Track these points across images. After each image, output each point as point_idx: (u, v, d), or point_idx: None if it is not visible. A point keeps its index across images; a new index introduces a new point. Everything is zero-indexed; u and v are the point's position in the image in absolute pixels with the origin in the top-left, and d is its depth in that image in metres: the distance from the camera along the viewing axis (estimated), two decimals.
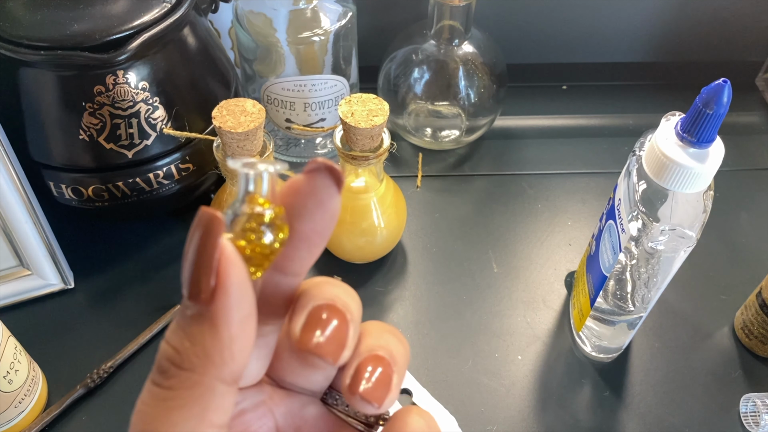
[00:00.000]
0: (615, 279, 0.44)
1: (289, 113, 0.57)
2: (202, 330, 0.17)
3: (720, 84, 0.33)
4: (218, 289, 0.16)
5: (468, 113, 0.62)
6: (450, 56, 0.60)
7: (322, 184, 0.18)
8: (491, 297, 0.54)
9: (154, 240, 0.57)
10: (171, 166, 0.50)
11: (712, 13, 0.72)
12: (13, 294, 0.51)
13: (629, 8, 0.71)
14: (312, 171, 0.18)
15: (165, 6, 0.46)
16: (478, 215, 0.60)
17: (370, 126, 0.44)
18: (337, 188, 0.18)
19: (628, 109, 0.71)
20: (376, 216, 0.51)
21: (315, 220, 0.18)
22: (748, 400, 0.47)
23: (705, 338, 0.52)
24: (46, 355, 0.48)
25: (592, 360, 0.50)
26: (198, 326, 0.17)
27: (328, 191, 0.18)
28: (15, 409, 0.43)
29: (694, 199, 0.37)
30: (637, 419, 0.47)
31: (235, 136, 0.43)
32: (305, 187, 0.18)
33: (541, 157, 0.66)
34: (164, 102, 0.48)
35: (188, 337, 0.17)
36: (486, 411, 0.47)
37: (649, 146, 0.37)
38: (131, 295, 0.53)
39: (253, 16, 0.54)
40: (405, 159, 0.65)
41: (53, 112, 0.46)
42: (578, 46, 0.74)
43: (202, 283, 0.16)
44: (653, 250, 0.39)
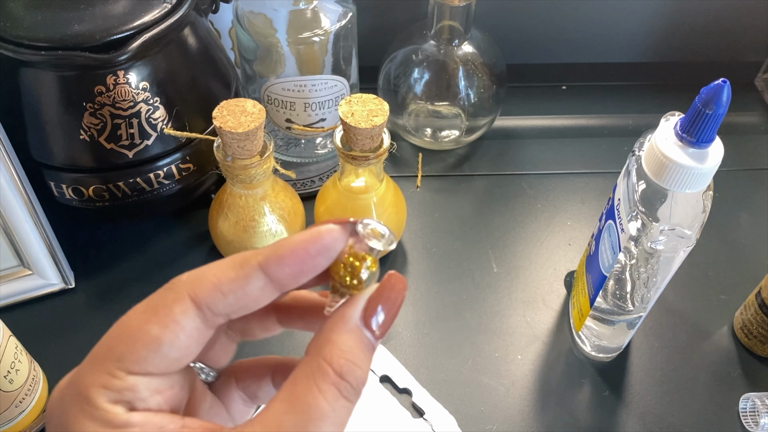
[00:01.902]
0: (614, 279, 0.44)
1: (290, 113, 0.57)
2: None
3: (719, 84, 0.33)
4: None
5: (468, 113, 0.63)
6: (450, 56, 0.60)
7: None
8: (491, 297, 0.54)
9: (154, 240, 0.57)
10: (171, 166, 0.50)
11: (712, 13, 0.72)
12: (13, 294, 0.51)
13: (629, 8, 0.71)
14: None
15: (165, 6, 0.46)
16: (478, 215, 0.60)
17: (370, 126, 0.44)
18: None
19: (627, 109, 0.71)
20: (376, 216, 0.51)
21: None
22: (747, 400, 0.47)
23: (704, 338, 0.52)
24: (46, 354, 0.48)
25: (592, 360, 0.50)
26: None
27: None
28: (15, 409, 0.43)
29: (693, 199, 0.37)
30: (636, 419, 0.47)
31: (236, 136, 0.43)
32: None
33: (540, 157, 0.66)
34: (165, 102, 0.48)
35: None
36: (486, 411, 0.47)
37: (648, 146, 0.37)
38: (132, 295, 0.53)
39: (253, 17, 0.54)
40: (405, 159, 0.65)
41: (54, 113, 0.46)
42: (578, 46, 0.74)
43: (389, 322, 0.21)
44: (653, 250, 0.39)
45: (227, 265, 0.20)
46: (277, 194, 0.50)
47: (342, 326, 0.20)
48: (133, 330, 0.20)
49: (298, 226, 0.52)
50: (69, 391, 0.20)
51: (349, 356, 0.20)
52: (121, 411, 0.19)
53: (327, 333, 0.20)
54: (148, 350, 0.19)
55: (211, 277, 0.20)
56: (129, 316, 0.20)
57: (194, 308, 0.20)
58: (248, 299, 0.20)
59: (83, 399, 0.19)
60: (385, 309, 0.21)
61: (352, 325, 0.20)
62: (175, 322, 0.20)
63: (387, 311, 0.21)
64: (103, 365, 0.19)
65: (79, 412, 0.19)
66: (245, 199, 0.49)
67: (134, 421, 0.19)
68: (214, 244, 0.54)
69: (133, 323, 0.20)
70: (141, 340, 0.19)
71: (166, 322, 0.20)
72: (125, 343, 0.19)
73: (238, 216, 0.49)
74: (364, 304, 0.21)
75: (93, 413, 0.19)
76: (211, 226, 0.52)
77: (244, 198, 0.49)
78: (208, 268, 0.20)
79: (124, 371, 0.19)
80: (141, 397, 0.19)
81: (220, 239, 0.52)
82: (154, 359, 0.19)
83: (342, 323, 0.20)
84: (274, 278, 0.20)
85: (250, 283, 0.20)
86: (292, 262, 0.20)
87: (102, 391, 0.19)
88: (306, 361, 0.20)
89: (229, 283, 0.20)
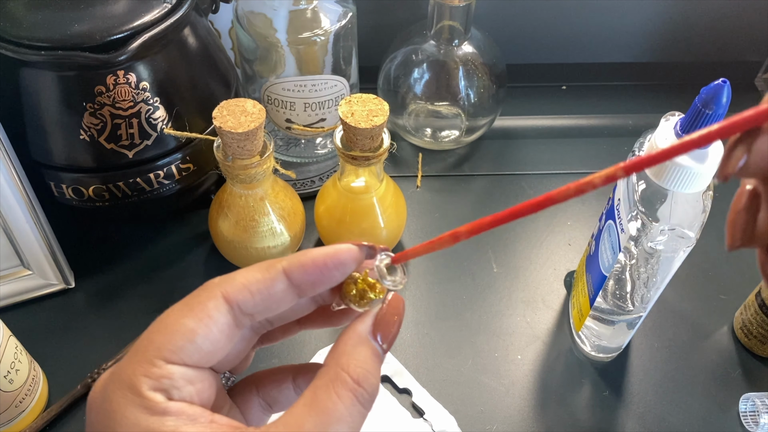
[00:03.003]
0: (614, 279, 0.44)
1: (290, 113, 0.57)
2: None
3: (719, 84, 0.33)
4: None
5: (468, 113, 0.63)
6: (450, 56, 0.60)
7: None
8: (491, 297, 0.54)
9: (154, 240, 0.57)
10: (171, 166, 0.50)
11: (712, 13, 0.72)
12: (13, 294, 0.51)
13: (629, 8, 0.71)
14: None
15: (165, 6, 0.46)
16: (478, 215, 0.60)
17: (370, 126, 0.44)
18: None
19: (627, 109, 0.71)
20: (376, 216, 0.51)
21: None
22: (747, 400, 0.47)
23: (704, 338, 0.52)
24: (46, 354, 0.48)
25: (592, 359, 0.50)
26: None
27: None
28: (16, 409, 0.43)
29: (693, 199, 0.37)
30: (636, 419, 0.47)
31: (236, 136, 0.43)
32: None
33: (540, 157, 0.66)
34: (165, 102, 0.48)
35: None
36: (486, 411, 0.47)
37: (648, 146, 0.37)
38: (132, 294, 0.53)
39: (253, 17, 0.54)
40: (405, 159, 0.65)
41: (54, 112, 0.46)
42: (578, 46, 0.74)
43: (393, 337, 0.24)
44: (653, 250, 0.39)
45: (255, 269, 0.23)
46: (277, 194, 0.50)
47: (356, 339, 0.23)
48: (170, 323, 0.22)
49: (298, 226, 0.52)
50: (112, 381, 0.21)
51: (363, 365, 0.22)
52: (161, 399, 0.20)
53: (343, 345, 0.23)
54: (184, 340, 0.21)
55: (240, 278, 0.22)
56: (167, 313, 0.22)
57: (226, 305, 0.22)
58: (272, 300, 0.22)
59: (126, 387, 0.21)
60: (388, 326, 0.24)
61: (363, 338, 0.23)
62: (209, 316, 0.22)
63: (390, 328, 0.24)
64: (144, 355, 0.21)
65: (122, 398, 0.20)
66: (245, 199, 0.49)
67: (172, 409, 0.20)
68: (214, 244, 0.54)
69: (170, 318, 0.22)
70: (178, 331, 0.21)
71: (200, 316, 0.22)
72: (164, 335, 0.21)
73: (238, 216, 0.49)
74: (372, 320, 0.23)
75: (135, 400, 0.20)
76: (211, 226, 0.52)
77: (244, 198, 0.49)
78: (238, 272, 0.23)
79: (162, 359, 0.21)
80: (177, 386, 0.21)
81: (220, 239, 0.52)
82: (190, 349, 0.21)
83: (356, 336, 0.23)
84: (295, 283, 0.23)
85: (275, 285, 0.22)
86: (311, 271, 0.22)
87: (144, 379, 0.21)
88: (325, 371, 0.22)
89: (257, 283, 0.22)
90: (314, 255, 0.23)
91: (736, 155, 0.19)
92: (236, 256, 0.52)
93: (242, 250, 0.51)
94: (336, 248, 0.23)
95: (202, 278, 0.54)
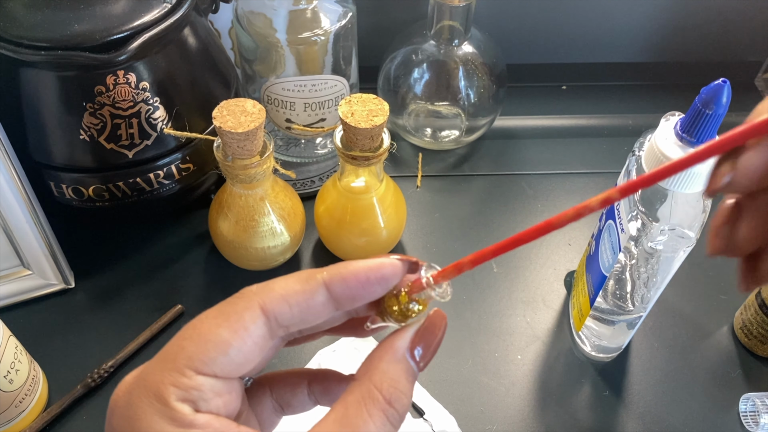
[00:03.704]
0: (614, 279, 0.44)
1: (290, 113, 0.57)
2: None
3: (719, 84, 0.33)
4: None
5: (468, 113, 0.63)
6: (450, 56, 0.60)
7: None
8: (491, 297, 0.54)
9: (154, 240, 0.57)
10: (171, 166, 0.50)
11: (712, 13, 0.72)
12: (13, 294, 0.51)
13: (629, 8, 0.71)
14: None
15: (165, 6, 0.46)
16: (477, 215, 0.60)
17: (370, 126, 0.44)
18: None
19: (627, 109, 0.71)
20: (376, 216, 0.51)
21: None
22: (747, 400, 0.47)
23: (704, 338, 0.52)
24: (46, 354, 0.48)
25: (592, 359, 0.50)
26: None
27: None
28: (15, 409, 0.43)
29: (693, 199, 0.37)
30: (636, 419, 0.47)
31: (236, 136, 0.43)
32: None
33: (540, 157, 0.66)
34: (164, 102, 0.48)
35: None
36: (486, 411, 0.47)
37: (648, 146, 0.37)
38: (132, 294, 0.53)
39: (253, 17, 0.54)
40: (405, 159, 0.65)
41: (54, 113, 0.46)
42: (578, 46, 0.74)
43: (431, 356, 0.23)
44: (653, 250, 0.39)
45: (294, 279, 0.22)
46: (277, 194, 0.50)
47: (391, 356, 0.22)
48: (204, 332, 0.21)
49: (298, 226, 0.52)
50: (137, 386, 0.21)
51: (396, 384, 0.21)
52: (188, 411, 0.20)
53: (377, 361, 0.22)
54: (217, 352, 0.21)
55: (279, 289, 0.22)
56: (201, 320, 0.21)
57: (263, 317, 0.21)
58: (310, 312, 0.22)
59: (153, 395, 0.20)
60: (429, 343, 0.23)
61: (400, 356, 0.22)
62: (245, 328, 0.21)
63: (430, 345, 0.23)
64: (174, 363, 0.20)
65: (149, 407, 0.20)
66: (245, 199, 0.49)
67: (199, 422, 0.20)
68: (214, 244, 0.54)
69: (204, 326, 0.21)
70: (211, 342, 0.21)
71: (236, 327, 0.21)
72: (196, 344, 0.21)
73: (238, 216, 0.49)
74: (411, 336, 0.22)
75: (162, 410, 0.20)
76: (211, 226, 0.52)
77: (244, 198, 0.49)
78: (276, 282, 0.22)
79: (193, 370, 0.20)
80: (205, 398, 0.20)
81: (220, 239, 0.52)
82: (222, 362, 0.21)
83: (391, 353, 0.22)
84: (334, 296, 0.22)
85: (314, 297, 0.22)
86: (352, 284, 0.22)
87: (172, 388, 0.20)
88: (357, 386, 0.22)
89: (296, 295, 0.22)
90: (356, 268, 0.22)
91: (721, 172, 0.20)
92: (236, 256, 0.52)
93: (242, 250, 0.51)
94: (379, 262, 0.22)
95: (202, 278, 0.54)
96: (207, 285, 0.54)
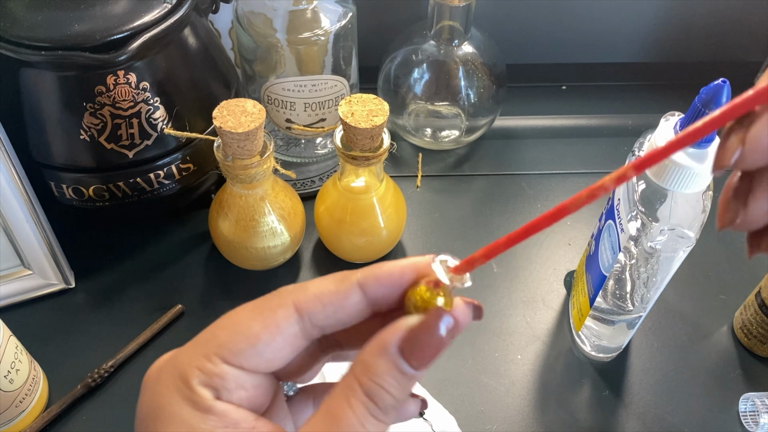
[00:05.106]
0: (614, 279, 0.44)
1: (290, 113, 0.57)
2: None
3: (719, 84, 0.33)
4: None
5: (468, 113, 0.63)
6: (450, 56, 0.60)
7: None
8: (491, 297, 0.54)
9: (154, 239, 0.57)
10: (171, 166, 0.50)
11: (712, 13, 0.72)
12: (14, 293, 0.51)
13: (629, 8, 0.71)
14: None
15: (165, 6, 0.46)
16: (478, 215, 0.60)
17: (370, 126, 0.44)
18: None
19: (627, 109, 0.71)
20: (376, 216, 0.51)
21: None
22: (747, 400, 0.47)
23: (704, 338, 0.52)
24: (46, 354, 0.48)
25: (592, 359, 0.50)
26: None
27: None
28: (16, 409, 0.43)
29: (693, 199, 0.37)
30: (636, 418, 0.47)
31: (236, 136, 0.43)
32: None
33: (540, 157, 0.66)
34: (165, 102, 0.48)
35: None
36: (486, 410, 0.47)
37: (648, 146, 0.38)
38: (132, 294, 0.53)
39: (253, 17, 0.54)
40: (405, 159, 0.65)
41: (54, 113, 0.46)
42: (578, 46, 0.74)
43: (428, 357, 0.21)
44: (652, 250, 0.39)
45: (329, 280, 0.22)
46: (277, 194, 0.50)
47: (377, 350, 0.21)
48: (237, 323, 0.21)
49: (298, 226, 0.53)
50: (168, 365, 0.21)
51: (377, 379, 0.20)
52: (208, 396, 0.20)
53: (364, 353, 0.21)
54: (246, 344, 0.21)
55: (313, 288, 0.22)
56: (236, 311, 0.22)
57: (296, 315, 0.21)
58: (344, 313, 0.22)
59: (179, 376, 0.21)
60: (422, 342, 0.21)
61: (386, 350, 0.20)
62: (276, 324, 0.21)
63: (424, 344, 0.21)
64: (204, 348, 0.21)
65: (173, 386, 0.21)
66: (245, 199, 0.49)
67: (217, 409, 0.20)
68: (214, 244, 0.54)
69: (238, 318, 0.21)
70: (242, 333, 0.21)
71: (268, 323, 0.21)
72: (228, 333, 0.21)
73: (238, 216, 0.49)
74: (403, 333, 0.21)
75: (184, 391, 0.20)
76: (211, 226, 0.52)
77: (244, 198, 0.49)
78: (311, 282, 0.22)
79: (219, 358, 0.21)
80: (227, 387, 0.21)
81: (220, 239, 0.52)
82: (250, 354, 0.21)
83: (379, 347, 0.21)
84: (369, 296, 0.22)
85: (349, 297, 0.22)
86: (387, 283, 0.22)
87: (197, 372, 0.20)
88: (344, 377, 0.21)
89: (330, 295, 0.22)
90: (390, 267, 0.22)
91: (730, 147, 0.19)
92: (236, 256, 0.52)
93: (242, 250, 0.51)
94: (413, 260, 0.22)
95: (202, 278, 0.54)
96: (207, 285, 0.54)
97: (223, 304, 0.52)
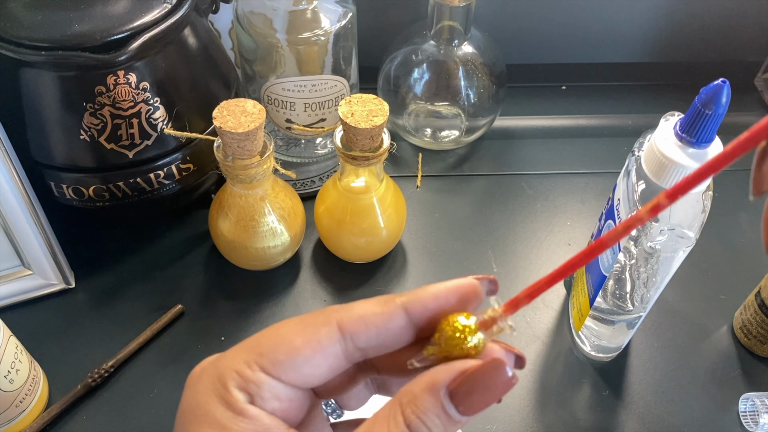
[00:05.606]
0: (614, 279, 0.44)
1: (290, 113, 0.58)
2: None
3: (719, 84, 0.33)
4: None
5: (468, 113, 0.63)
6: (450, 56, 0.60)
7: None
8: None
9: (154, 240, 0.57)
10: (171, 166, 0.50)
11: (712, 13, 0.72)
12: (14, 294, 0.51)
13: (629, 8, 0.71)
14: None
15: (165, 7, 0.46)
16: (477, 215, 0.60)
17: (370, 126, 0.44)
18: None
19: (627, 109, 0.71)
20: (376, 216, 0.51)
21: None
22: (747, 400, 0.47)
23: (704, 338, 0.52)
24: (47, 354, 0.48)
25: (592, 359, 0.50)
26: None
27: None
28: (16, 409, 0.43)
29: (693, 199, 0.37)
30: (636, 418, 0.47)
31: (236, 136, 0.43)
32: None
33: (540, 157, 0.66)
34: (165, 102, 0.48)
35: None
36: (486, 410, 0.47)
37: (648, 146, 0.38)
38: (132, 294, 0.53)
39: (253, 17, 0.54)
40: (405, 159, 0.65)
41: (54, 113, 0.46)
42: (578, 46, 0.74)
43: (477, 407, 0.20)
44: (652, 250, 0.39)
45: (374, 302, 0.22)
46: (277, 194, 0.50)
47: (428, 385, 0.20)
48: (281, 335, 0.21)
49: (298, 226, 0.53)
50: (211, 365, 0.22)
51: (421, 415, 0.20)
52: (242, 399, 0.21)
53: (414, 383, 0.21)
54: (285, 356, 0.21)
55: (358, 309, 0.22)
56: (285, 322, 0.22)
57: (338, 334, 0.21)
58: (387, 335, 0.22)
59: (218, 377, 0.21)
60: (473, 388, 0.20)
61: (436, 389, 0.20)
62: (318, 341, 0.21)
63: (475, 392, 0.20)
64: (245, 354, 0.21)
65: (211, 385, 0.21)
66: (245, 199, 0.49)
67: (249, 413, 0.20)
68: (214, 244, 0.54)
69: (283, 329, 0.22)
70: (284, 344, 0.21)
71: (310, 338, 0.21)
72: (270, 343, 0.21)
73: (238, 216, 0.49)
74: (455, 374, 0.20)
75: (220, 391, 0.21)
76: (211, 226, 0.52)
77: (244, 198, 0.49)
78: (356, 303, 0.22)
79: (258, 366, 0.21)
80: (261, 395, 0.21)
81: (220, 239, 0.52)
82: (287, 367, 0.21)
83: (429, 383, 0.20)
84: (413, 319, 0.21)
85: (393, 320, 0.21)
86: (432, 306, 0.21)
87: (235, 375, 0.21)
88: (390, 402, 0.21)
89: (374, 317, 0.21)
90: (435, 290, 0.22)
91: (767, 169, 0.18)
92: (236, 256, 0.52)
93: (242, 250, 0.51)
94: (457, 282, 0.22)
95: (202, 278, 0.54)
96: (207, 285, 0.54)
97: (223, 304, 0.52)
